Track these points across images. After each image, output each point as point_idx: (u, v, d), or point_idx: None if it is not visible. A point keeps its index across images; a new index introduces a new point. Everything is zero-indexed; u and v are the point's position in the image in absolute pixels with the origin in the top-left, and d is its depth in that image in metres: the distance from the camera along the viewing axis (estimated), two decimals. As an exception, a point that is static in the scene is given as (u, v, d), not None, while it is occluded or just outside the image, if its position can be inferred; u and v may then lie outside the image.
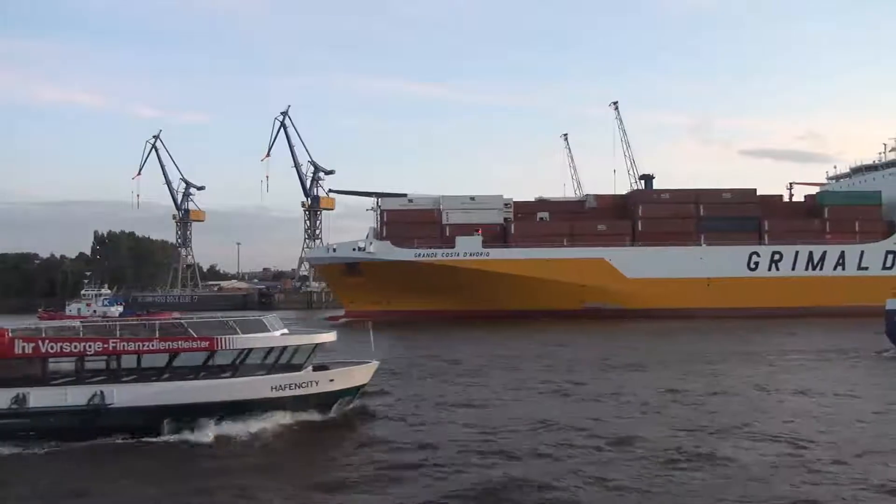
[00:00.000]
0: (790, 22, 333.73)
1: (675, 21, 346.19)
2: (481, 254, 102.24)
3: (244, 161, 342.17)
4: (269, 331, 31.88)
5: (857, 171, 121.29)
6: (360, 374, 33.97)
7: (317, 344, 32.69)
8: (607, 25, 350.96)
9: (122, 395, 29.41)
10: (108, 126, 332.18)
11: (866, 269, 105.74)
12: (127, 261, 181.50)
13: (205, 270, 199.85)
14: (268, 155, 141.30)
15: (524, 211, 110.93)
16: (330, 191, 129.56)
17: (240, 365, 31.00)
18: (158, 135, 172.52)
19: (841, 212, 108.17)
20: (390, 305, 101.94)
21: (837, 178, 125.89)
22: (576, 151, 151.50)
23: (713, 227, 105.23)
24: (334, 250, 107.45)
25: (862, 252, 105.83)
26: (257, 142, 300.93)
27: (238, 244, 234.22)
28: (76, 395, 29.15)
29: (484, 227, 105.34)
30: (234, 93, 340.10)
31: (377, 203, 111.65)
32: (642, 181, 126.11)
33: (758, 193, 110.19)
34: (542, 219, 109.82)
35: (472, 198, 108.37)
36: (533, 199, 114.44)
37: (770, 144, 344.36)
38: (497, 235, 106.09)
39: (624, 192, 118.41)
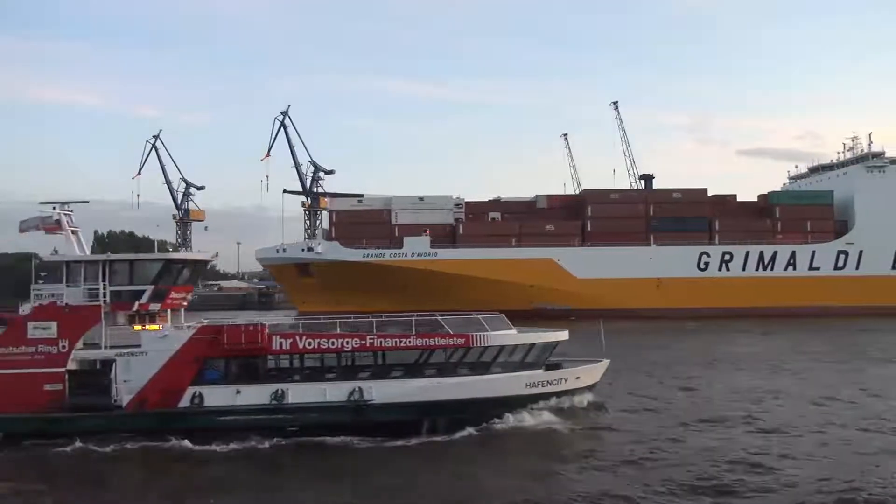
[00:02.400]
0: (789, 22, 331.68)
1: (674, 21, 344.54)
2: (429, 254, 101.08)
3: (244, 161, 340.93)
4: (511, 329, 31.64)
5: (815, 170, 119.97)
6: (596, 372, 33.98)
7: (557, 342, 32.48)
8: (607, 25, 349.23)
9: (383, 392, 29.48)
10: (108, 126, 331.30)
11: (818, 269, 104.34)
12: None
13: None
14: (268, 155, 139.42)
15: (476, 211, 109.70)
16: (284, 191, 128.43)
17: (492, 362, 30.75)
18: (158, 135, 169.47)
19: (792, 212, 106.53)
20: (339, 306, 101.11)
21: (797, 177, 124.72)
22: (576, 151, 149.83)
23: (663, 227, 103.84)
24: (284, 250, 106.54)
25: (813, 252, 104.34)
26: (257, 142, 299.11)
27: (238, 244, 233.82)
28: (335, 391, 29.38)
29: (433, 227, 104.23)
30: (234, 93, 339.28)
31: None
32: (642, 181, 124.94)
33: (709, 193, 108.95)
34: (493, 219, 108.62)
35: (422, 198, 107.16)
36: (486, 199, 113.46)
37: (768, 144, 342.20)
38: (446, 236, 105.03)
39: (576, 193, 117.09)
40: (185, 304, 32.86)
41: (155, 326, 30.81)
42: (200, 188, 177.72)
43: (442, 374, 30.31)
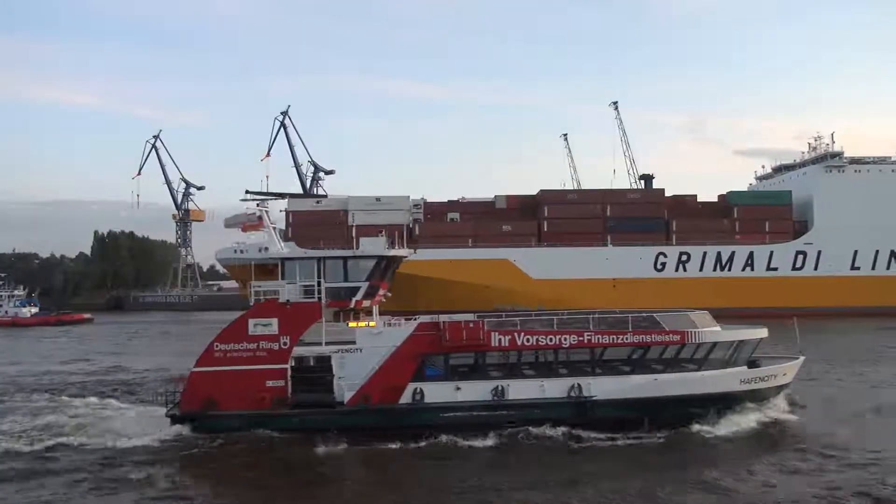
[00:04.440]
0: (788, 22, 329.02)
1: (673, 21, 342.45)
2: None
3: (244, 161, 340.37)
4: (717, 326, 31.38)
5: (778, 170, 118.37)
6: (794, 369, 33.54)
7: (760, 339, 32.10)
8: (607, 25, 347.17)
9: (602, 388, 29.25)
10: (108, 126, 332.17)
11: (776, 269, 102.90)
12: (127, 261, 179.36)
13: (204, 270, 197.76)
14: (268, 155, 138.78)
15: (435, 211, 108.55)
16: (246, 192, 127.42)
17: (704, 359, 30.48)
18: (158, 135, 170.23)
19: (750, 212, 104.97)
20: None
21: (763, 177, 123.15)
22: (576, 151, 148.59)
23: (620, 227, 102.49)
24: (242, 251, 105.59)
25: (771, 252, 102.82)
26: (257, 142, 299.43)
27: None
28: (555, 388, 29.17)
29: (390, 228, 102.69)
30: (235, 93, 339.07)
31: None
32: (642, 181, 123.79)
33: (667, 194, 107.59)
34: (452, 219, 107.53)
35: (378, 199, 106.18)
36: (445, 200, 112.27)
37: (766, 144, 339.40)
38: (403, 236, 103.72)
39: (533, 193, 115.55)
40: (384, 300, 32.60)
41: (371, 322, 30.86)
42: (200, 188, 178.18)
43: (659, 370, 30.04)
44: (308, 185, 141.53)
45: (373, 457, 26.51)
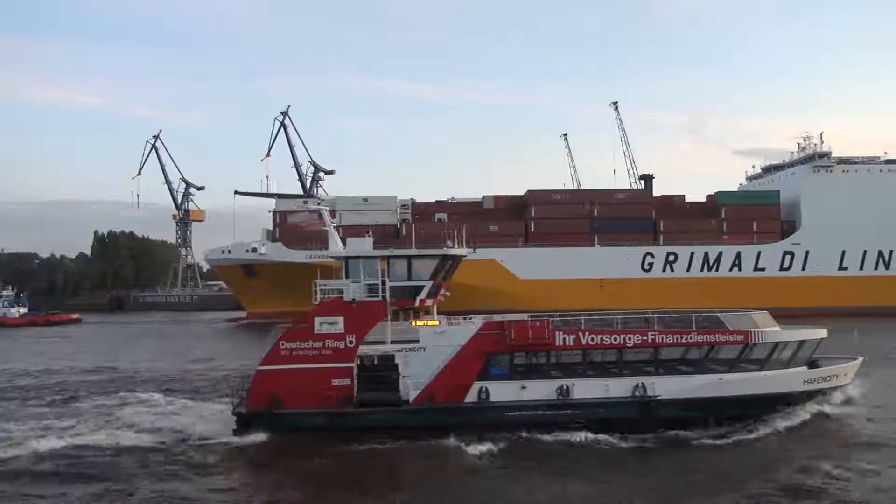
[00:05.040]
0: (788, 22, 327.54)
1: (673, 21, 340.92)
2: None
3: (244, 161, 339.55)
4: (777, 326, 31.33)
5: (768, 170, 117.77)
6: (853, 369, 33.31)
7: (820, 339, 31.99)
8: (607, 25, 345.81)
9: (667, 387, 29.04)
10: (108, 126, 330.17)
11: (763, 269, 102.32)
12: (127, 261, 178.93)
13: (204, 270, 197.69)
14: (268, 155, 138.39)
15: (423, 212, 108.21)
16: (236, 192, 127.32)
17: (767, 359, 30.44)
18: (158, 135, 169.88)
19: (738, 212, 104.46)
20: (287, 307, 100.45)
21: (753, 177, 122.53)
22: (576, 151, 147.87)
23: (607, 227, 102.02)
24: (229, 251, 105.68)
25: (759, 253, 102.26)
26: (257, 142, 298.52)
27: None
28: (619, 387, 29.07)
29: (377, 228, 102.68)
30: (234, 93, 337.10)
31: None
32: (642, 181, 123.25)
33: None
34: (439, 220, 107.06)
35: (366, 199, 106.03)
36: (433, 200, 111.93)
37: (766, 144, 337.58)
38: (391, 237, 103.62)
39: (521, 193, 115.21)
40: (443, 299, 32.43)
41: (434, 322, 30.58)
42: (200, 188, 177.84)
43: (722, 370, 29.94)
44: (308, 185, 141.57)
45: (436, 455, 26.41)
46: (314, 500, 22.94)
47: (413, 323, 30.75)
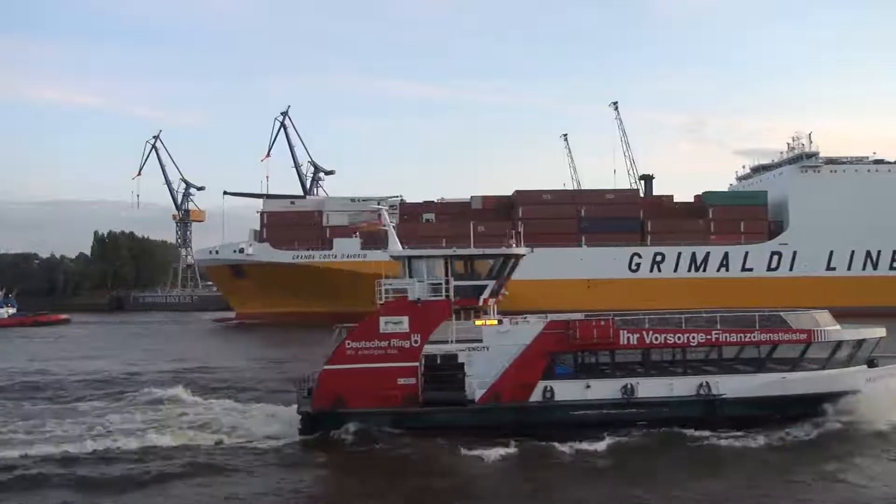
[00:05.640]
0: (788, 22, 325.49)
1: (673, 21, 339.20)
2: (359, 255, 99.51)
3: (244, 161, 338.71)
4: (837, 325, 31.11)
5: (756, 170, 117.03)
6: None
7: (879, 338, 31.75)
8: (605, 25, 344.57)
9: (731, 386, 29.03)
10: (108, 126, 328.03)
11: (750, 270, 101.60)
12: (127, 261, 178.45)
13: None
14: (268, 155, 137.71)
15: (412, 212, 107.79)
16: (225, 192, 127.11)
17: (829, 358, 30.32)
18: (158, 135, 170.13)
19: (726, 212, 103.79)
20: (275, 307, 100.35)
21: (743, 178, 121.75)
22: (576, 151, 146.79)
23: (595, 227, 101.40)
24: (217, 252, 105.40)
25: (746, 253, 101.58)
26: (257, 142, 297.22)
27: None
28: (683, 386, 29.08)
29: (364, 228, 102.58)
30: (234, 93, 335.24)
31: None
32: (642, 181, 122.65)
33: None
34: (427, 220, 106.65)
35: (353, 199, 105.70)
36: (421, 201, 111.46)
37: (766, 144, 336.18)
38: (379, 237, 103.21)
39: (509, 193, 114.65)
40: (501, 298, 32.14)
41: (493, 321, 30.57)
42: (200, 188, 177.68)
43: (784, 369, 29.94)
44: (308, 186, 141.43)
45: (502, 455, 25.99)
46: (381, 500, 22.70)
47: (476, 322, 30.54)
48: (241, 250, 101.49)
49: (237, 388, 40.72)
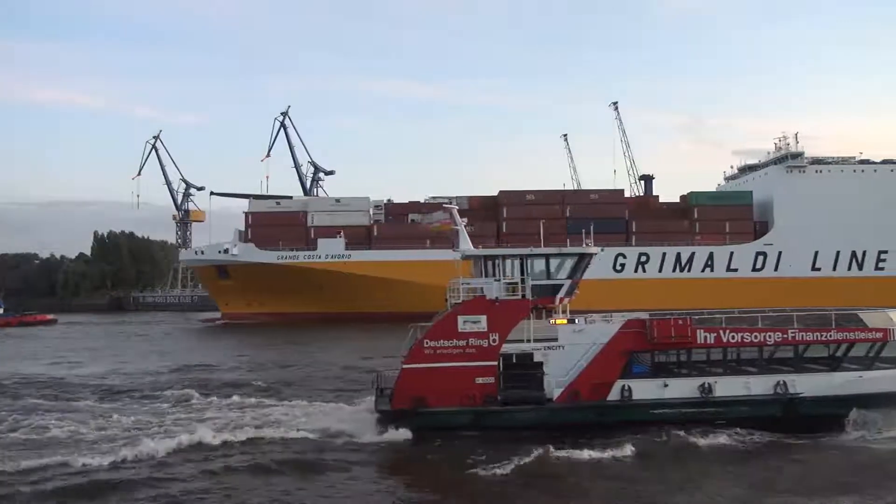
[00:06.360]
0: (787, 22, 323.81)
1: (673, 21, 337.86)
2: (343, 256, 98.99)
3: (244, 161, 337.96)
4: None
5: (743, 170, 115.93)
6: None
7: None
8: (606, 25, 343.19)
9: (808, 385, 28.87)
10: (108, 126, 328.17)
11: (735, 270, 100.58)
12: (127, 261, 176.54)
13: None
14: (268, 155, 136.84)
15: (398, 213, 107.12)
16: (212, 193, 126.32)
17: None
18: (158, 135, 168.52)
19: (711, 212, 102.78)
20: (260, 307, 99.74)
21: (731, 178, 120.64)
22: (576, 152, 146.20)
23: (580, 228, 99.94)
24: (202, 252, 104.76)
25: (731, 253, 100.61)
26: (257, 142, 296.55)
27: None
28: (760, 385, 28.99)
29: (349, 229, 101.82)
30: (234, 93, 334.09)
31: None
32: (642, 181, 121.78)
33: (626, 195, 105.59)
34: (412, 220, 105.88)
35: (338, 200, 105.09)
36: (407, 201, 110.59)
37: (765, 144, 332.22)
38: (363, 238, 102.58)
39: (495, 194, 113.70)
40: (574, 298, 32.09)
41: (562, 320, 30.52)
42: (200, 188, 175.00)
43: (861, 367, 29.62)
44: (308, 186, 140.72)
45: (578, 458, 25.61)
46: (468, 499, 22.57)
47: (552, 321, 30.41)
48: (226, 251, 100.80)
49: (285, 388, 40.47)
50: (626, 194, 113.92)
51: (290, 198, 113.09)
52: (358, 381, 40.90)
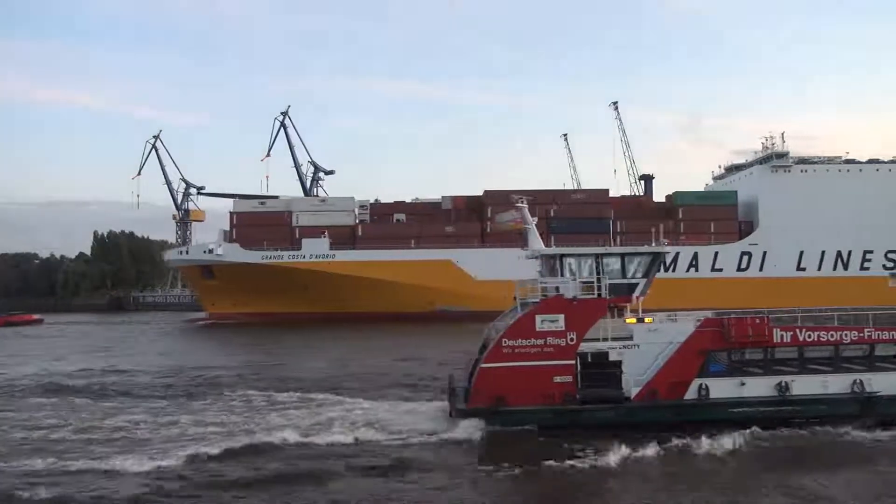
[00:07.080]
0: (787, 22, 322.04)
1: (673, 21, 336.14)
2: (327, 256, 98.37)
3: (244, 161, 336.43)
4: None
5: (730, 170, 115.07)
6: None
7: None
8: (606, 25, 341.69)
9: (886, 384, 28.74)
10: (108, 126, 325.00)
11: (720, 270, 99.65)
12: (127, 261, 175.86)
13: None
14: (268, 155, 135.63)
15: (382, 212, 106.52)
16: (199, 192, 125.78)
17: None
18: (158, 135, 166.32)
19: (695, 212, 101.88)
20: (245, 307, 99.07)
21: (718, 178, 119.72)
22: (576, 151, 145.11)
23: (563, 228, 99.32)
24: (187, 252, 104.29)
25: (716, 253, 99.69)
26: (257, 142, 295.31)
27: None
28: (837, 384, 28.90)
29: (334, 229, 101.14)
30: (234, 93, 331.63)
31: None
32: (642, 181, 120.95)
33: (611, 195, 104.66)
34: (398, 220, 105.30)
35: (323, 200, 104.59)
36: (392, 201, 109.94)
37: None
38: (348, 238, 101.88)
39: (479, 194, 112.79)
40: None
41: (649, 319, 30.34)
42: (200, 188, 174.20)
43: None
44: (308, 186, 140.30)
45: (658, 457, 25.38)
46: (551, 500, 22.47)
47: (627, 320, 30.42)
48: (211, 251, 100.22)
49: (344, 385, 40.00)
50: (626, 194, 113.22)
51: (276, 197, 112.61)
52: (403, 383, 41.09)
